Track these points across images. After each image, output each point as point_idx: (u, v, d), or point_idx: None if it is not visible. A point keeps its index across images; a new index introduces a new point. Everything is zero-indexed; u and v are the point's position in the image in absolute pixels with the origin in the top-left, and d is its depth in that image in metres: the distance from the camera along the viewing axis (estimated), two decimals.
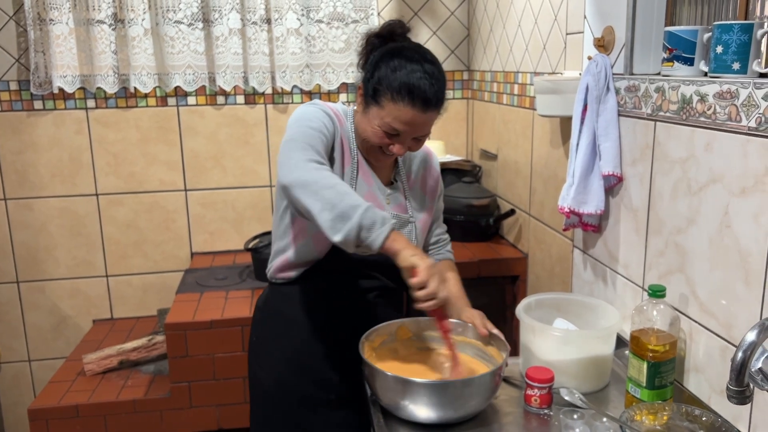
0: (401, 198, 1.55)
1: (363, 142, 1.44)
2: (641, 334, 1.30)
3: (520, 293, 2.34)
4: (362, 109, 1.43)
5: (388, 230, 1.20)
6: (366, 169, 1.49)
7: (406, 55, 1.36)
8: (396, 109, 1.34)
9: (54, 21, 2.51)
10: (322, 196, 1.20)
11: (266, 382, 1.54)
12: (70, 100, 2.63)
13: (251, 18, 2.62)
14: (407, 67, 1.34)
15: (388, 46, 1.41)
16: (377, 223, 1.19)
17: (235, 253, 2.83)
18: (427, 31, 2.84)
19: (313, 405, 1.51)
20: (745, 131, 1.15)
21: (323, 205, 1.20)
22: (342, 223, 1.18)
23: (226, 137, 2.77)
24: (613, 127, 1.58)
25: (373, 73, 1.37)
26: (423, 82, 1.33)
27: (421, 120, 1.36)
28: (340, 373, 1.52)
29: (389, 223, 1.21)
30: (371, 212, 1.20)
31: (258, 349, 1.58)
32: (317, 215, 1.21)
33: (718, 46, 1.24)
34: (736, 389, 0.91)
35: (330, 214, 1.19)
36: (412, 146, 1.42)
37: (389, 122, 1.35)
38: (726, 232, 1.22)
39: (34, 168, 2.66)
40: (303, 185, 1.23)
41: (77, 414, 2.16)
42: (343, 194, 1.21)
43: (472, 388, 1.27)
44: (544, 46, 2.07)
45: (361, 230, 1.19)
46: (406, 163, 1.59)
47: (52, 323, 2.80)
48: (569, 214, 1.68)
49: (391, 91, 1.33)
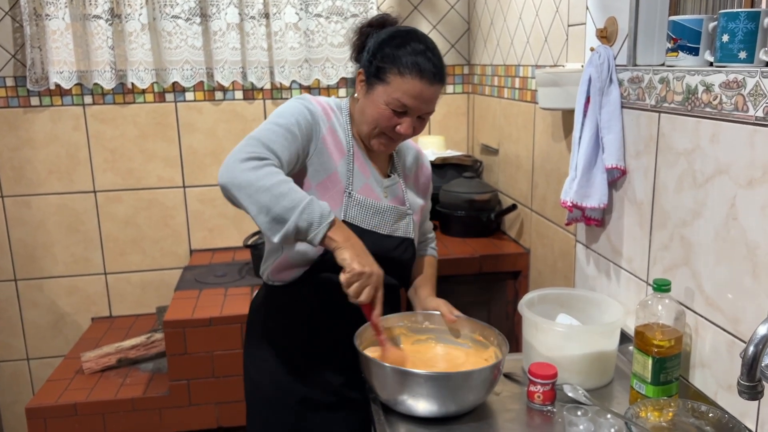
0: (399, 191, 1.53)
1: (366, 131, 1.42)
2: (646, 329, 1.28)
3: (522, 289, 2.31)
4: (364, 94, 1.42)
5: (325, 229, 1.23)
6: (363, 161, 1.47)
7: (407, 35, 1.40)
8: (404, 82, 1.35)
9: (50, 16, 2.49)
10: (256, 200, 1.22)
11: (263, 384, 1.52)
12: (67, 96, 2.61)
13: (249, 12, 2.60)
14: (411, 44, 1.37)
15: (385, 29, 1.43)
16: (314, 223, 1.22)
17: (234, 250, 2.80)
18: (427, 25, 2.82)
19: (312, 406, 1.49)
20: (752, 121, 1.13)
21: (258, 208, 1.22)
22: (279, 225, 1.22)
23: (224, 133, 2.75)
24: (617, 119, 1.56)
25: (376, 53, 1.38)
26: (428, 55, 1.37)
27: (428, 93, 1.37)
28: (340, 374, 1.49)
29: (327, 221, 1.23)
30: (307, 212, 1.22)
31: (254, 351, 1.55)
32: (254, 218, 1.23)
33: (724, 34, 1.21)
34: (747, 384, 0.89)
35: (266, 217, 1.22)
36: (416, 127, 1.42)
37: (398, 97, 1.35)
38: (733, 224, 1.20)
39: (31, 165, 2.64)
40: (238, 187, 1.23)
41: (75, 412, 2.14)
42: (279, 197, 1.21)
43: (472, 380, 1.26)
44: (545, 38, 2.05)
45: (298, 232, 1.22)
46: (400, 158, 1.58)
47: (51, 321, 2.78)
48: (572, 208, 1.65)
49: (398, 66, 1.35)
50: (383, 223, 1.46)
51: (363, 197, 1.44)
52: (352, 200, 1.42)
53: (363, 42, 1.45)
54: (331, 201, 1.39)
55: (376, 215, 1.45)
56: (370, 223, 1.44)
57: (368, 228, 1.43)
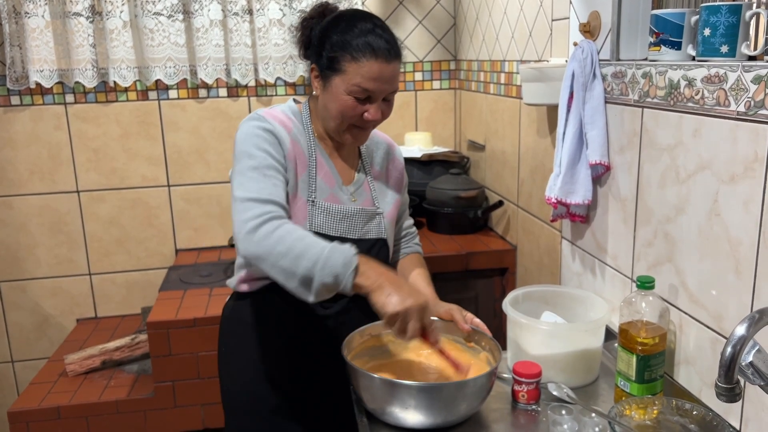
0: (366, 192, 1.48)
1: (333, 126, 1.38)
2: (630, 327, 1.27)
3: (509, 285, 2.30)
4: (322, 89, 1.37)
5: (352, 275, 1.18)
6: (326, 169, 1.42)
7: (351, 17, 1.34)
8: (360, 66, 1.30)
9: (29, 14, 2.45)
10: (280, 268, 1.20)
11: (239, 394, 1.48)
12: (48, 95, 2.57)
13: (232, 9, 2.57)
14: (358, 26, 1.32)
15: (326, 18, 1.38)
16: (339, 274, 1.17)
17: (220, 249, 2.78)
18: (412, 21, 2.79)
19: (289, 413, 1.45)
20: (734, 116, 1.12)
21: (285, 276, 1.20)
22: (307, 287, 1.19)
23: (209, 131, 2.72)
24: (600, 114, 1.54)
25: (324, 43, 1.34)
26: (378, 33, 1.31)
27: (388, 72, 1.32)
28: (317, 380, 1.45)
29: (350, 268, 1.17)
30: (329, 266, 1.17)
31: (228, 360, 1.50)
32: (284, 285, 1.22)
33: (705, 28, 1.20)
34: (725, 386, 0.86)
35: (293, 283, 1.19)
36: (384, 110, 1.37)
37: (358, 83, 1.30)
38: (715, 220, 1.18)
39: (12, 165, 2.60)
40: (259, 260, 1.22)
41: (59, 416, 2.12)
42: (298, 258, 1.18)
43: (466, 390, 1.21)
44: (530, 33, 2.03)
45: (326, 288, 1.18)
46: (369, 154, 1.54)
47: (35, 323, 2.75)
48: (556, 204, 1.64)
49: (350, 51, 1.30)
50: (352, 227, 1.42)
51: (328, 203, 1.39)
52: (316, 208, 1.38)
53: (308, 36, 1.40)
54: (297, 213, 1.36)
55: (344, 220, 1.41)
56: (338, 229, 1.40)
57: (337, 234, 1.39)
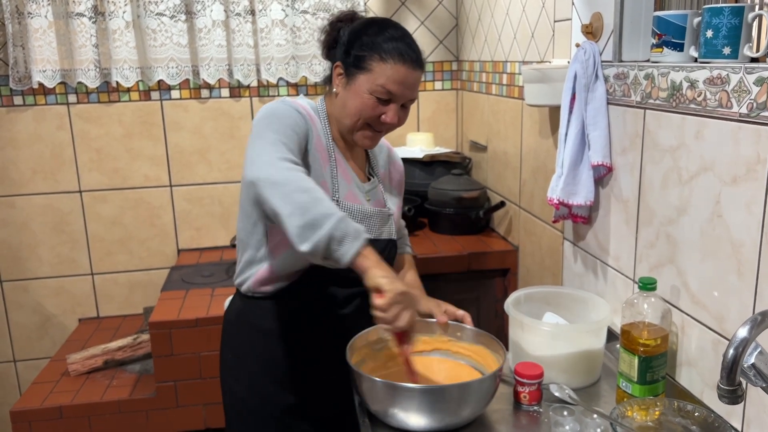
0: (379, 193, 1.51)
1: (349, 124, 1.39)
2: (632, 328, 1.27)
3: (511, 286, 2.30)
4: (344, 86, 1.39)
5: (360, 245, 1.12)
6: (344, 166, 1.44)
7: (383, 23, 1.40)
8: (388, 68, 1.34)
9: (32, 14, 2.45)
10: (293, 200, 1.11)
11: (245, 395, 1.46)
12: (51, 95, 2.58)
13: (235, 9, 2.57)
14: (388, 31, 1.37)
15: (358, 20, 1.43)
16: (349, 236, 1.11)
17: (222, 249, 2.78)
18: (414, 21, 2.80)
19: (297, 415, 1.45)
20: (736, 118, 1.12)
21: (293, 209, 1.11)
22: (311, 231, 1.09)
23: (211, 131, 2.72)
24: (602, 115, 1.54)
25: (353, 42, 1.37)
26: (407, 41, 1.37)
27: (412, 79, 1.37)
28: (325, 384, 1.45)
29: (362, 237, 1.12)
30: (344, 223, 1.11)
31: (232, 363, 1.49)
32: (285, 219, 1.12)
33: (708, 30, 1.20)
34: (727, 388, 0.86)
35: (300, 219, 1.10)
36: (401, 116, 1.40)
37: (383, 83, 1.33)
38: (718, 221, 1.18)
39: (14, 165, 2.60)
40: (273, 184, 1.14)
41: (61, 415, 2.12)
42: (317, 200, 1.12)
43: (469, 393, 1.21)
44: (532, 34, 2.03)
45: (331, 241, 1.10)
46: (374, 157, 1.57)
47: (37, 323, 2.75)
48: (558, 205, 1.64)
49: (380, 52, 1.34)
50: (370, 227, 1.43)
51: (350, 203, 1.40)
52: (340, 207, 1.37)
53: (335, 37, 1.43)
54: None
55: (363, 221, 1.42)
56: None
57: None
